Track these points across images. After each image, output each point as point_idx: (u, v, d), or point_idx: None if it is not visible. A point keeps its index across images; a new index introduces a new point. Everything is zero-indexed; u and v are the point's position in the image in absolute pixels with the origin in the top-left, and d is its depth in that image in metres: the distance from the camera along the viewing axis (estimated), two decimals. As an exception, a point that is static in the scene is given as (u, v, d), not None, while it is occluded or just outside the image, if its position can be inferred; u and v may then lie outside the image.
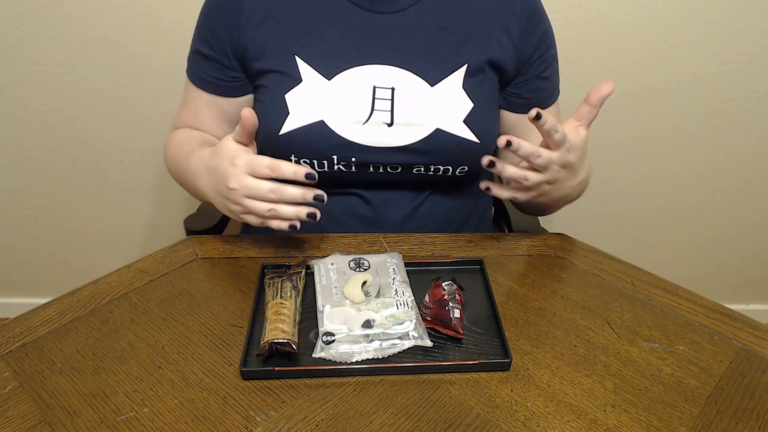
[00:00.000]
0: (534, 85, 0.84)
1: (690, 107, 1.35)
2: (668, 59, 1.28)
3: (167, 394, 0.54)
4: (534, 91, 0.84)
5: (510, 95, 0.85)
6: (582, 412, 0.53)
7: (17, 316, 0.63)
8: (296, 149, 0.78)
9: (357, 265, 0.68)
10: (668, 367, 0.58)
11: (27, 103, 1.33)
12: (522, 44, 0.80)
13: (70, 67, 1.28)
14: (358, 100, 0.77)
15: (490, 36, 0.79)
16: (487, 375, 0.57)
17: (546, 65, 0.84)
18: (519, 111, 0.86)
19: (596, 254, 0.75)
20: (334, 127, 0.77)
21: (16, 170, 1.43)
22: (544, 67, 0.83)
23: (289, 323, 0.58)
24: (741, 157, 1.42)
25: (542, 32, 0.82)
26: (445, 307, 0.60)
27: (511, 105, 0.85)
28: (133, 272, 0.71)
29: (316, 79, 0.77)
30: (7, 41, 1.25)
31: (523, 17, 0.80)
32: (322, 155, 0.78)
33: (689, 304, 0.67)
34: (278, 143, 0.79)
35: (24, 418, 0.52)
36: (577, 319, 0.64)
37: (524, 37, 0.80)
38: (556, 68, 0.87)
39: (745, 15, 1.23)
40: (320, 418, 0.52)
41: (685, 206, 1.51)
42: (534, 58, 0.82)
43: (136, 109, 1.34)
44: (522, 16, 0.80)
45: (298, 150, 0.78)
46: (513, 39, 0.80)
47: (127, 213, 1.52)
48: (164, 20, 1.23)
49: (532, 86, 0.84)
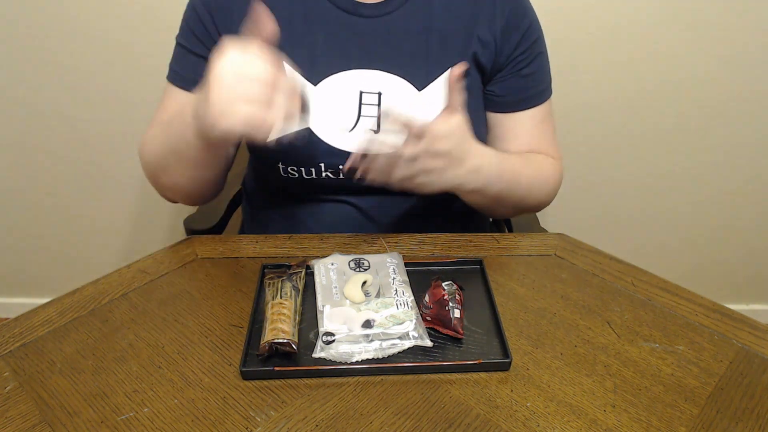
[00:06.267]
0: (510, 82, 0.81)
1: (690, 107, 1.35)
2: (667, 59, 1.28)
3: (167, 394, 0.54)
4: (510, 90, 0.82)
5: (487, 93, 0.83)
6: (582, 412, 0.53)
7: (17, 316, 0.63)
8: (282, 158, 0.78)
9: (357, 265, 0.68)
10: (668, 367, 0.58)
11: (27, 103, 1.33)
12: (503, 40, 0.79)
13: (70, 67, 1.28)
14: (344, 106, 0.76)
15: (472, 35, 0.78)
16: (487, 375, 0.57)
17: (527, 62, 0.81)
18: (496, 110, 0.84)
19: (596, 254, 0.75)
20: (321, 135, 0.76)
21: (16, 170, 1.43)
22: (524, 64, 0.81)
23: (289, 323, 0.58)
24: (741, 157, 1.42)
25: (526, 28, 0.80)
26: (445, 307, 0.60)
27: (488, 104, 0.84)
28: (133, 272, 0.71)
29: (303, 84, 0.76)
30: (7, 41, 1.25)
31: (505, 13, 0.78)
32: (309, 163, 0.77)
33: (689, 304, 0.67)
34: (265, 152, 0.78)
35: (24, 418, 0.52)
36: (577, 319, 0.64)
37: (506, 32, 0.79)
38: (540, 68, 0.83)
39: (744, 15, 1.23)
40: (320, 418, 0.52)
41: (685, 206, 1.51)
42: (515, 55, 0.80)
43: (136, 109, 1.34)
44: (504, 11, 0.78)
45: (285, 158, 0.78)
46: (495, 36, 0.78)
47: (127, 213, 1.52)
48: (164, 20, 1.23)
49: (508, 84, 0.81)
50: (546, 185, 0.83)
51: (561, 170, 0.89)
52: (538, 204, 0.86)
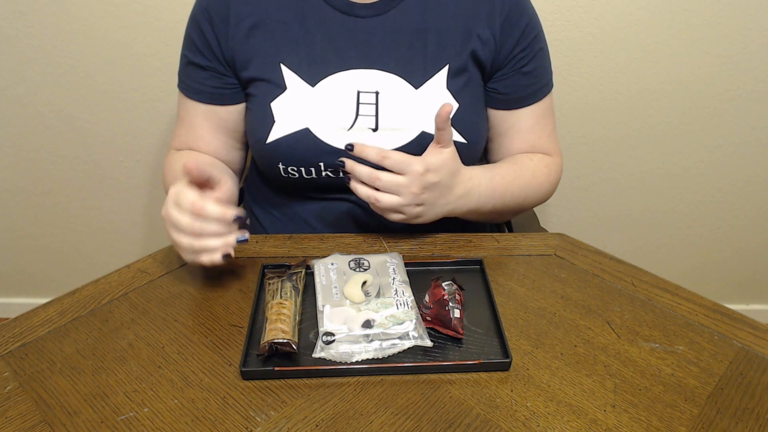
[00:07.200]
0: (513, 80, 0.82)
1: (690, 107, 1.35)
2: (668, 59, 1.28)
3: (167, 394, 0.54)
4: (513, 87, 0.82)
5: (489, 91, 0.83)
6: (582, 412, 0.53)
7: (17, 316, 0.63)
8: (283, 158, 0.78)
9: (357, 265, 0.68)
10: (668, 367, 0.58)
11: (27, 103, 1.33)
12: (503, 38, 0.79)
13: (70, 67, 1.28)
14: (342, 106, 0.77)
15: (470, 32, 0.78)
16: (487, 375, 0.57)
17: (528, 60, 0.81)
18: (499, 107, 0.84)
19: (596, 254, 0.75)
20: (320, 135, 0.76)
21: (16, 170, 1.43)
22: (525, 61, 0.81)
23: (289, 323, 0.58)
24: (741, 157, 1.42)
25: (525, 25, 0.80)
26: (445, 307, 0.60)
27: (490, 101, 0.84)
28: (133, 272, 0.71)
29: (301, 86, 0.77)
30: (7, 41, 1.25)
31: (504, 10, 0.79)
32: (309, 163, 0.78)
33: (689, 304, 0.67)
34: (265, 152, 0.79)
35: (24, 418, 0.52)
36: (577, 319, 0.64)
37: (505, 30, 0.79)
38: (541, 64, 0.84)
39: (744, 15, 1.23)
40: (320, 418, 0.52)
41: (685, 206, 1.51)
42: (515, 52, 0.80)
43: (136, 109, 1.34)
44: (503, 9, 0.79)
45: (285, 158, 0.78)
46: (494, 33, 0.79)
47: (127, 213, 1.52)
48: (164, 20, 1.23)
49: (510, 82, 0.82)
50: (541, 188, 0.85)
51: (559, 166, 0.89)
52: (536, 205, 0.88)
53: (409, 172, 0.67)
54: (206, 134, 0.84)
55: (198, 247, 0.62)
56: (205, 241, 0.62)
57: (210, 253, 0.62)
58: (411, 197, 0.68)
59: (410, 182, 0.67)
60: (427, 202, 0.70)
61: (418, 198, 0.69)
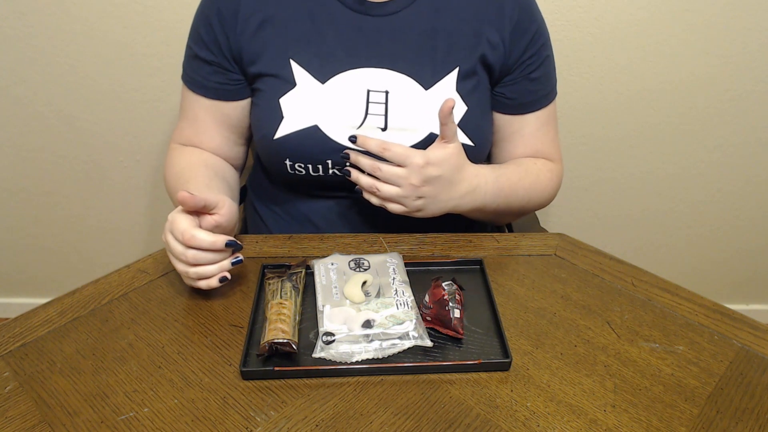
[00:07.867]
0: (521, 86, 0.83)
1: (690, 107, 1.35)
2: (668, 59, 1.28)
3: (167, 394, 0.54)
4: (520, 93, 0.83)
5: (496, 95, 0.84)
6: (582, 412, 0.53)
7: (17, 316, 0.63)
8: (290, 154, 0.78)
9: (357, 265, 0.68)
10: (668, 367, 0.58)
11: (27, 103, 1.33)
12: (512, 43, 0.80)
13: (70, 67, 1.28)
14: (351, 104, 0.77)
15: (481, 36, 0.79)
16: (487, 375, 0.57)
17: (536, 66, 0.82)
18: (505, 112, 0.85)
19: (596, 254, 0.75)
20: (328, 132, 0.76)
21: (16, 170, 1.43)
22: (533, 67, 0.82)
23: (289, 323, 0.58)
24: (741, 157, 1.42)
25: (534, 32, 0.81)
26: (445, 307, 0.60)
27: (497, 105, 0.85)
28: (133, 272, 0.71)
29: (310, 82, 0.77)
30: (7, 41, 1.25)
31: (514, 16, 0.79)
32: (317, 160, 0.78)
33: (689, 304, 0.67)
34: (273, 148, 0.78)
35: (24, 418, 0.52)
36: (577, 319, 0.64)
37: (515, 36, 0.79)
38: (548, 71, 0.85)
39: (745, 15, 1.23)
40: (320, 418, 0.52)
41: (685, 206, 1.51)
42: (524, 58, 0.81)
43: (136, 109, 1.34)
44: (513, 15, 0.79)
45: (292, 155, 0.78)
46: (503, 38, 0.79)
47: (127, 213, 1.52)
48: (164, 20, 1.23)
49: (518, 87, 0.83)
50: (544, 192, 0.85)
51: (560, 172, 0.90)
52: (537, 209, 0.89)
53: (410, 164, 0.69)
54: (209, 129, 0.84)
55: (193, 274, 0.63)
56: (200, 268, 0.63)
57: (206, 279, 0.64)
58: (410, 189, 0.70)
59: (409, 174, 0.69)
60: (428, 195, 0.71)
61: (418, 191, 0.70)
